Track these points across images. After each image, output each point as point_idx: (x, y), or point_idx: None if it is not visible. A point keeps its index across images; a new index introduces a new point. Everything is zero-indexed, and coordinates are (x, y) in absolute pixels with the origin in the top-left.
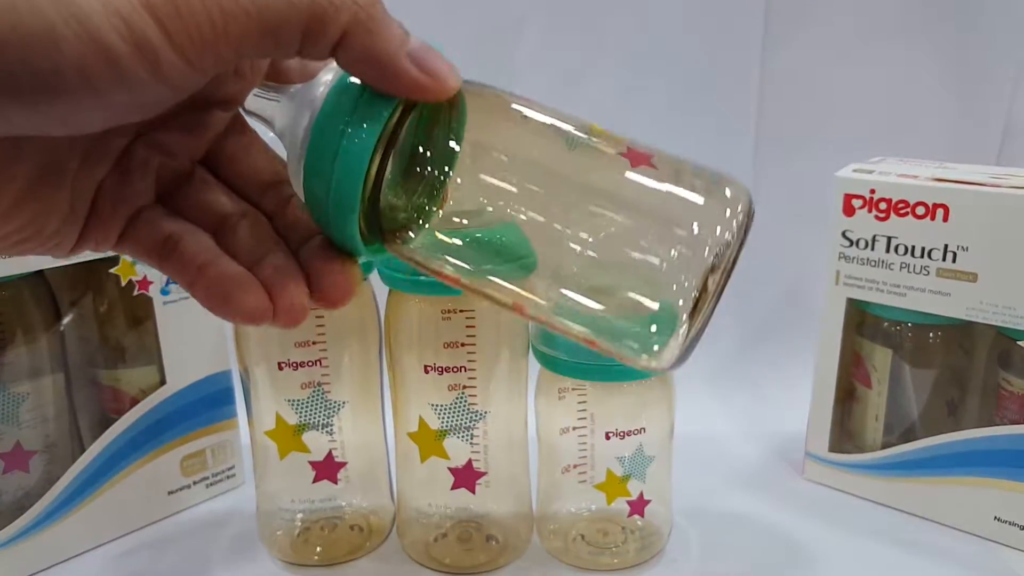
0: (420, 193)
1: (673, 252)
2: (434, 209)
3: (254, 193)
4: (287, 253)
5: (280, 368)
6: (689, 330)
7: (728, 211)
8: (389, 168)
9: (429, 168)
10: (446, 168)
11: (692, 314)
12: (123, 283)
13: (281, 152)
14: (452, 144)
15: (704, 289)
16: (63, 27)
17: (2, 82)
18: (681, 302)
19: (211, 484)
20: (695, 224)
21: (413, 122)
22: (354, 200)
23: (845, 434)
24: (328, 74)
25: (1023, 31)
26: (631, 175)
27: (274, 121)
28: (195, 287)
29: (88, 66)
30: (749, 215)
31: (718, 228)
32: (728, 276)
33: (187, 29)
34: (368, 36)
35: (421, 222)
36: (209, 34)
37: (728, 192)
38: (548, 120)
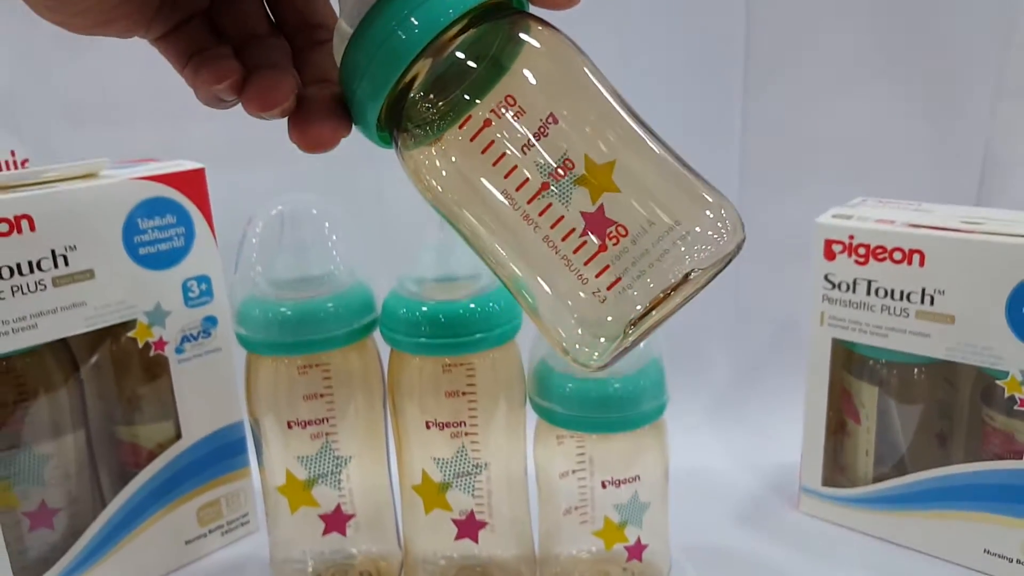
0: (445, 103)
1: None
2: (448, 126)
3: (293, 25)
4: (290, 65)
5: (289, 427)
6: (623, 340)
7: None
8: (427, 71)
9: (462, 84)
10: (478, 91)
11: (635, 324)
12: (140, 345)
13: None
14: (493, 72)
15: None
16: None
17: None
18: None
19: (226, 532)
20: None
21: (469, 37)
22: (385, 88)
23: (838, 468)
24: None
25: (993, 67)
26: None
27: None
28: (195, 81)
29: None
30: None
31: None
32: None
33: None
34: None
35: (432, 131)
36: None
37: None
38: (600, 98)
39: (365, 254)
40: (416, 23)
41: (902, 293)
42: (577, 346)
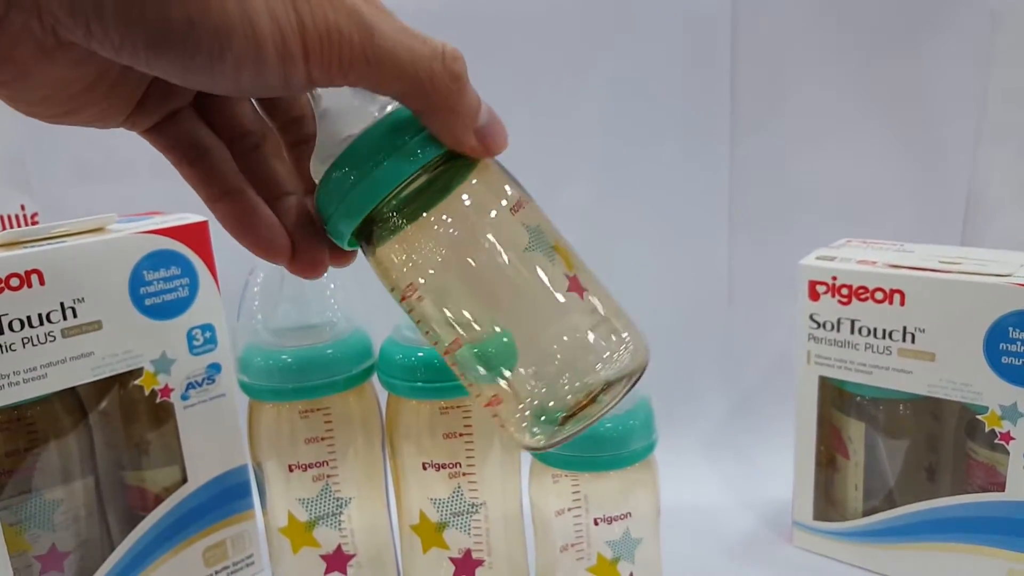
0: (400, 213)
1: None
2: (402, 230)
3: (280, 119)
4: (300, 198)
5: (291, 470)
6: (560, 431)
7: (627, 357)
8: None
9: (417, 202)
10: (426, 207)
11: (568, 419)
12: (146, 392)
13: None
14: (439, 193)
15: (586, 404)
16: (239, 26)
17: (178, 47)
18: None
19: (232, 572)
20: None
21: (434, 161)
22: (359, 217)
23: (830, 502)
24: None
25: (973, 112)
26: (560, 296)
27: (322, 97)
28: (219, 207)
29: (242, 57)
30: (640, 371)
31: (606, 364)
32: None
33: (322, 60)
34: (451, 116)
35: (389, 235)
36: (336, 71)
37: (630, 344)
38: (523, 216)
39: (362, 302)
40: (397, 164)
41: (884, 332)
42: (524, 425)
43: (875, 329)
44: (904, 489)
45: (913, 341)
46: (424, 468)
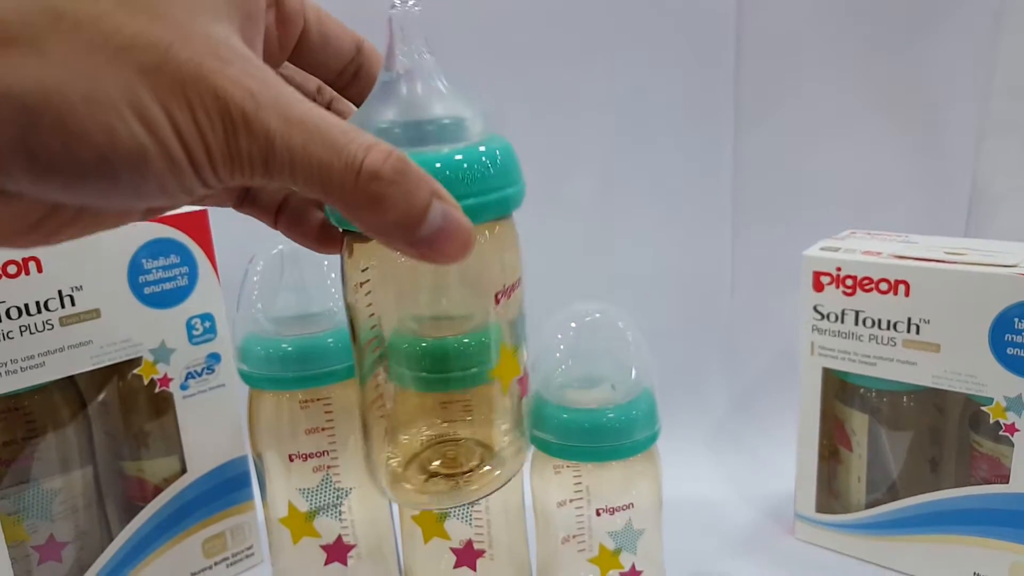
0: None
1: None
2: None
3: (325, 75)
4: None
5: (291, 460)
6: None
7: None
8: None
9: None
10: None
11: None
12: (146, 382)
13: None
14: None
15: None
16: (151, 147)
17: (96, 183)
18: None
19: (231, 564)
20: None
21: None
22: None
23: (832, 494)
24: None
25: (976, 105)
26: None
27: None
28: (281, 229)
29: (162, 174)
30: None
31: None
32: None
33: (229, 171)
34: (375, 231)
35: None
36: (246, 178)
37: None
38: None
39: None
40: None
41: (889, 323)
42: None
43: (879, 320)
44: (907, 481)
45: (918, 332)
46: None
